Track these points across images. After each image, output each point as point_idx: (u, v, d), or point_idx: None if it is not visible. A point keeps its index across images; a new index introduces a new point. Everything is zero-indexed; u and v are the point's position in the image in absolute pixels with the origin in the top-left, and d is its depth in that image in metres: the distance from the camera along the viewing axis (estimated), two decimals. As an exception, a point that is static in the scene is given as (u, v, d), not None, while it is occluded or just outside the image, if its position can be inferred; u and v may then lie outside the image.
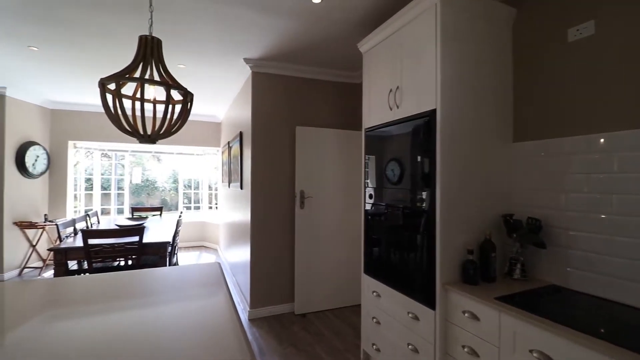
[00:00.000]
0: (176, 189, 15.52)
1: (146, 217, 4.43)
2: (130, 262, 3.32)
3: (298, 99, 3.41)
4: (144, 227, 3.03)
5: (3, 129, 4.35)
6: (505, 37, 1.94)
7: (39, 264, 4.82)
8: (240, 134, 3.73)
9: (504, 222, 1.84)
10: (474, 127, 1.81)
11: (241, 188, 3.68)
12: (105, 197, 6.22)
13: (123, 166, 6.54)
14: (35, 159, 4.82)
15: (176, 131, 1.53)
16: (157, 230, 3.76)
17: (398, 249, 2.00)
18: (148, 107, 1.47)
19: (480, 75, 1.83)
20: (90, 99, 4.91)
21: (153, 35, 1.46)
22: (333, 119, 3.55)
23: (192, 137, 5.92)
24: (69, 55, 3.13)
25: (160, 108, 2.18)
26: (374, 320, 2.20)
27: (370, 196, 2.30)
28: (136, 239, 2.98)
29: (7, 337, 0.96)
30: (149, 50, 1.43)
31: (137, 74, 1.40)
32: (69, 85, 4.18)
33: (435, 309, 1.70)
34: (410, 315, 1.85)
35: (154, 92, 1.59)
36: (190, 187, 7.17)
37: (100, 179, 6.11)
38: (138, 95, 1.47)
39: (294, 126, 3.30)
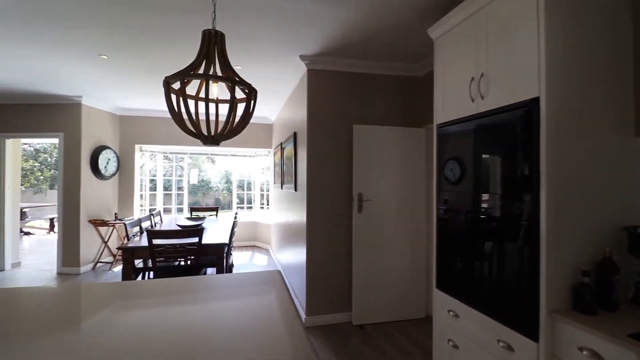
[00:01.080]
0: (229, 189, 16.30)
1: (203, 217, 4.56)
2: (190, 262, 3.39)
3: (355, 95, 3.22)
4: (203, 229, 3.05)
5: (79, 134, 4.76)
6: (623, 5, 1.56)
7: (110, 259, 5.21)
8: (294, 134, 3.63)
9: (628, 236, 1.47)
10: (586, 118, 1.46)
11: (295, 190, 3.58)
12: (167, 196, 6.58)
13: (182, 168, 6.88)
14: (107, 161, 5.22)
15: (239, 131, 1.42)
16: (214, 231, 3.82)
17: (485, 264, 1.72)
18: (211, 107, 1.38)
19: (592, 54, 1.48)
20: (154, 104, 5.20)
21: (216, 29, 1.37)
22: (392, 115, 3.30)
23: (244, 138, 6.01)
24: (135, 61, 3.27)
25: (223, 109, 2.13)
26: (450, 343, 1.92)
27: (446, 201, 2.03)
28: (196, 239, 3.01)
29: (83, 324, 1.12)
30: (213, 45, 1.34)
31: (200, 71, 1.32)
32: (136, 91, 4.43)
33: (538, 340, 1.40)
34: (501, 344, 1.56)
35: (217, 90, 1.51)
36: (242, 187, 7.34)
37: (163, 180, 6.48)
38: (201, 94, 1.40)
39: (351, 125, 3.11)
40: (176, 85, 1.35)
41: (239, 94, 1.38)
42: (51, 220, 8.46)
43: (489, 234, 1.68)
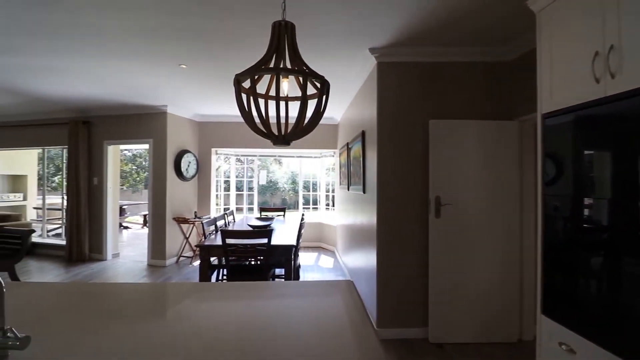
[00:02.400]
0: (295, 190, 16.77)
1: (272, 218, 4.66)
2: (259, 262, 3.45)
3: (431, 87, 2.92)
4: (272, 230, 3.06)
5: (165, 140, 5.25)
6: None
7: (190, 254, 5.65)
8: (362, 133, 3.45)
9: None
10: None
11: (364, 192, 3.40)
12: (239, 196, 6.95)
13: (252, 169, 7.20)
14: (188, 164, 5.68)
15: (311, 129, 1.30)
16: (282, 232, 3.84)
17: (624, 289, 1.33)
18: (281, 106, 1.29)
19: None
20: (228, 110, 5.50)
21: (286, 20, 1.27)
22: (475, 108, 2.91)
23: (310, 139, 6.01)
24: (210, 68, 3.44)
25: (293, 112, 2.06)
26: (563, 384, 1.55)
27: (556, 208, 1.65)
28: (265, 240, 3.03)
29: (168, 311, 1.33)
30: (283, 37, 1.24)
31: (271, 66, 1.23)
32: (212, 98, 4.72)
33: None
34: (650, 401, 1.17)
35: (287, 87, 1.41)
36: (308, 188, 7.40)
37: (235, 181, 6.86)
38: (272, 93, 1.32)
39: (427, 120, 2.82)
40: (247, 85, 1.29)
41: (310, 90, 1.26)
42: (144, 216, 9.61)
43: (631, 251, 1.29)
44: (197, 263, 5.31)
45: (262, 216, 5.26)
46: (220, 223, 4.21)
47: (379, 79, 2.92)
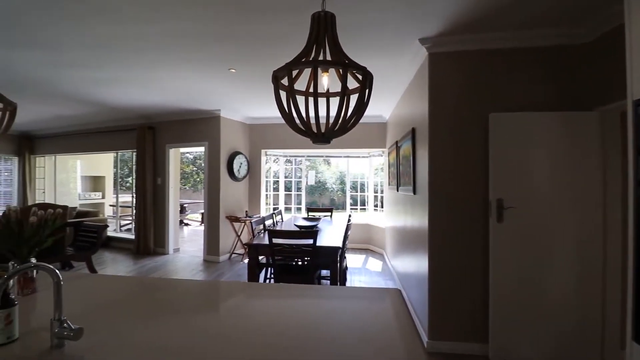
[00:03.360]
0: (343, 190, 16.71)
1: (319, 218, 4.64)
2: (305, 262, 3.43)
3: (490, 78, 2.63)
4: (317, 231, 3.02)
5: (219, 142, 5.52)
6: None
7: (242, 251, 5.87)
8: (413, 130, 3.25)
9: None
10: None
11: (414, 193, 3.20)
12: (287, 196, 7.07)
13: (301, 170, 7.28)
14: (240, 165, 5.91)
15: (352, 126, 1.21)
16: (328, 233, 3.79)
17: None
18: (321, 103, 1.23)
19: None
20: (276, 111, 5.60)
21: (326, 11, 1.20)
22: (543, 99, 2.56)
23: (357, 138, 5.90)
24: (258, 71, 3.51)
25: (333, 111, 1.99)
26: None
27: (656, 214, 1.35)
28: (311, 241, 3.00)
29: (221, 306, 1.41)
30: (323, 29, 1.17)
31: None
32: (260, 101, 4.84)
33: None
34: None
35: (327, 82, 1.34)
36: (356, 189, 7.27)
37: (284, 181, 6.99)
38: (311, 89, 1.25)
39: (486, 114, 2.54)
40: (285, 81, 1.25)
41: (353, 84, 1.17)
42: (202, 214, 10.28)
43: None
44: (247, 260, 5.49)
45: (309, 216, 5.27)
46: (268, 222, 4.29)
47: (430, 71, 2.71)
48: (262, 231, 4.03)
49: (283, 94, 1.21)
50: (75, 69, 3.48)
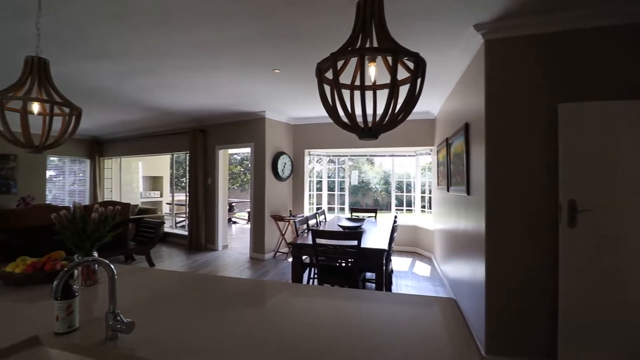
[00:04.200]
0: (387, 190, 16.30)
1: (363, 219, 4.52)
2: (350, 264, 3.34)
3: (558, 64, 2.33)
4: (362, 232, 2.92)
5: (264, 143, 5.64)
6: None
7: (286, 250, 5.94)
8: (466, 126, 3.01)
9: None
10: None
11: (468, 193, 2.95)
12: (331, 196, 7.03)
13: (344, 170, 7.20)
14: (284, 165, 6.00)
15: (402, 120, 1.10)
16: (373, 234, 3.66)
17: None
18: (367, 97, 1.14)
19: None
20: (320, 111, 5.60)
21: (374, -5, 1.11)
22: (624, 85, 2.20)
23: (404, 136, 5.67)
24: (301, 70, 3.50)
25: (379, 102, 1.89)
26: None
27: None
28: (355, 242, 2.91)
29: (267, 302, 1.43)
30: (369, 15, 1.08)
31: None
32: (303, 101, 4.85)
33: None
34: None
35: (374, 73, 1.25)
36: (401, 189, 7.01)
37: (327, 181, 6.96)
38: (357, 82, 1.17)
39: (554, 105, 2.25)
40: (329, 75, 1.18)
41: (402, 74, 1.07)
42: (249, 213, 10.65)
43: None
44: (291, 259, 5.54)
45: (353, 217, 5.17)
46: (312, 222, 4.28)
47: (487, 60, 2.48)
48: (306, 231, 4.02)
49: (327, 89, 1.14)
50: (136, 76, 3.76)
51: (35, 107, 1.65)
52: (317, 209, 6.71)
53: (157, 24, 2.49)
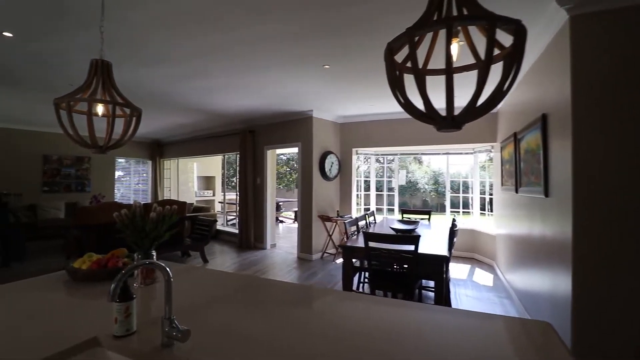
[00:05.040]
0: (437, 191, 15.49)
1: (416, 221, 4.23)
2: (405, 269, 3.12)
3: (674, 37, 1.90)
4: (419, 237, 2.68)
5: (311, 142, 5.57)
6: None
7: (333, 251, 5.83)
8: (543, 117, 2.63)
9: None
10: None
11: (545, 195, 2.57)
12: (378, 197, 6.77)
13: (391, 169, 6.90)
14: (331, 165, 5.88)
15: (495, 105, 0.90)
16: (429, 239, 3.39)
17: None
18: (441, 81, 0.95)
19: None
20: (368, 109, 5.39)
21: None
22: None
23: (461, 132, 5.23)
24: (351, 66, 3.35)
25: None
26: None
27: None
28: (411, 247, 2.69)
29: (314, 305, 1.41)
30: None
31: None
32: (353, 97, 4.68)
33: None
34: None
35: (456, 51, 1.05)
36: (455, 189, 6.52)
37: (375, 181, 6.71)
38: (431, 65, 0.99)
39: (668, 87, 1.83)
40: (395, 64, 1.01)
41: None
42: (295, 212, 10.74)
43: None
44: (339, 261, 5.42)
45: (404, 219, 4.89)
46: (361, 223, 4.10)
47: (573, 38, 2.11)
48: (356, 232, 3.86)
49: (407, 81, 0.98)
50: (189, 79, 3.89)
51: (100, 108, 1.70)
52: (365, 209, 6.50)
53: (207, 25, 2.51)
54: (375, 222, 4.78)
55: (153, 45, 2.89)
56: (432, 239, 3.42)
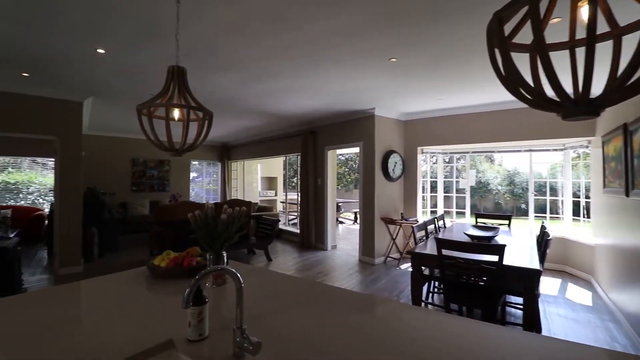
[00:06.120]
0: (512, 192, 13.98)
1: (494, 227, 3.76)
2: (485, 282, 2.77)
3: None
4: (504, 246, 2.34)
5: (373, 142, 5.37)
6: None
7: (397, 255, 5.54)
8: (673, 102, 2.10)
9: None
10: None
11: (679, 199, 2.05)
12: (446, 199, 6.28)
13: (458, 169, 6.35)
14: (394, 165, 5.61)
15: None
16: (513, 248, 2.97)
17: None
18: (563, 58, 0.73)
19: None
20: (436, 104, 5.01)
21: None
22: None
23: (548, 125, 4.57)
24: (419, 58, 3.10)
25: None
26: None
27: None
28: (494, 258, 2.36)
29: (404, 332, 1.17)
30: None
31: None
32: (419, 92, 4.38)
33: None
34: None
35: (586, 14, 0.82)
36: (540, 191, 5.73)
37: (442, 182, 6.24)
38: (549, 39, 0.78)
39: None
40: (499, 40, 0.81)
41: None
42: (355, 213, 10.58)
43: None
44: (404, 266, 5.13)
45: (479, 224, 4.42)
46: (430, 228, 3.80)
47: None
48: (424, 238, 3.57)
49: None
50: (254, 83, 4.00)
51: (176, 113, 1.76)
52: (432, 212, 6.08)
53: (270, 26, 2.50)
54: (445, 227, 4.40)
55: (221, 52, 3.01)
56: (517, 248, 2.99)
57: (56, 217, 4.50)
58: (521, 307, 2.79)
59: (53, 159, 4.56)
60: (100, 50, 2.97)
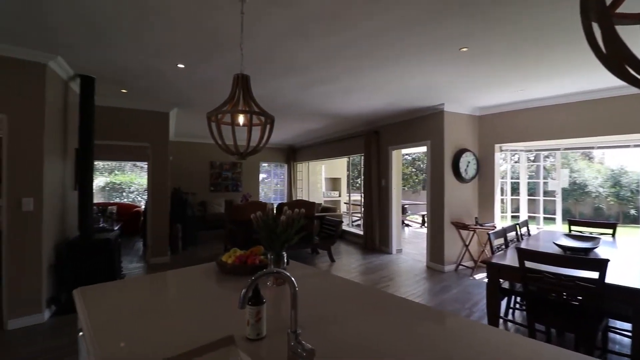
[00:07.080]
0: (617, 195, 11.79)
1: (594, 238, 3.17)
2: (581, 302, 2.36)
3: None
4: (606, 261, 1.96)
5: (442, 140, 5.01)
6: None
7: (470, 264, 5.08)
8: None
9: None
10: None
11: None
12: (531, 202, 5.54)
13: (546, 169, 5.55)
14: (467, 164, 5.16)
15: None
16: (619, 263, 2.47)
17: None
18: None
19: None
20: (515, 96, 4.47)
21: None
22: None
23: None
24: (494, 46, 2.78)
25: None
26: None
27: None
28: (593, 274, 1.99)
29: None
30: None
31: None
32: (495, 83, 3.95)
33: None
34: None
35: None
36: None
37: (526, 183, 5.53)
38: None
39: None
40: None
41: None
42: (422, 216, 10.05)
43: None
44: (478, 276, 4.68)
45: (573, 232, 3.80)
46: (510, 235, 3.38)
47: None
48: (503, 246, 3.19)
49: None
50: (314, 86, 4.05)
51: (241, 119, 1.86)
52: (513, 217, 5.43)
53: (326, 26, 2.48)
54: (529, 235, 3.88)
55: (280, 57, 3.11)
56: (624, 263, 2.48)
57: (149, 213, 5.17)
58: (629, 334, 2.30)
59: (146, 163, 5.25)
60: (180, 65, 3.31)
